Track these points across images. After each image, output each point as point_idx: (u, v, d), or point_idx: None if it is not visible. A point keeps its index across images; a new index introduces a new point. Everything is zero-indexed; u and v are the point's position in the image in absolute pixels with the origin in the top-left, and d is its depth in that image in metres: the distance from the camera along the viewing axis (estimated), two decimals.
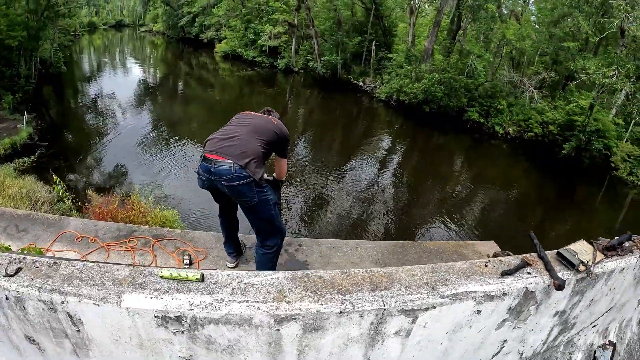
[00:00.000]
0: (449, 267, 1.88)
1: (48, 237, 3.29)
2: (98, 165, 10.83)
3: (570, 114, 17.22)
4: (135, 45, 38.44)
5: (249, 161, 2.61)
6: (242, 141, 2.70)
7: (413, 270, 1.82)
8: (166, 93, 20.53)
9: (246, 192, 2.66)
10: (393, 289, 1.67)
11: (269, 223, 2.92)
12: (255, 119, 2.96)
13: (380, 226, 10.07)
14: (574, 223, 13.02)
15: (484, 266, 1.95)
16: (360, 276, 1.74)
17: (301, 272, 1.75)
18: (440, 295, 1.68)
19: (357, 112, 22.46)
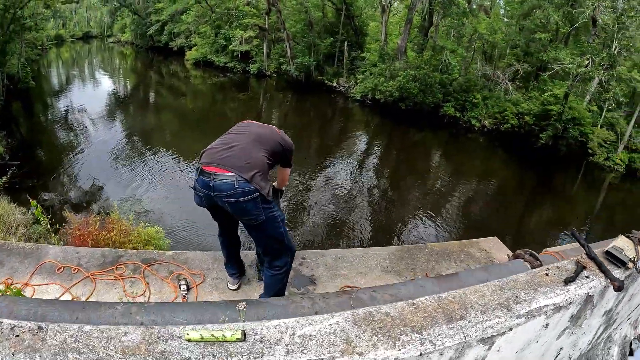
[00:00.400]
0: (514, 282, 1.78)
1: (26, 269, 2.92)
2: (73, 182, 10.28)
3: (545, 104, 17.48)
4: (104, 56, 37.43)
5: (254, 174, 2.29)
6: (245, 151, 2.37)
7: (481, 290, 1.69)
8: (137, 103, 19.91)
9: (251, 210, 2.32)
10: (469, 316, 1.50)
11: (278, 242, 2.58)
12: (257, 128, 2.64)
13: (366, 226, 9.85)
14: (555, 210, 13.18)
15: (545, 275, 1.88)
16: (430, 306, 1.54)
17: (363, 312, 1.48)
18: (517, 316, 1.57)
19: (332, 113, 22.31)
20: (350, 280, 3.39)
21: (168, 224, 8.47)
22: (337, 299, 1.91)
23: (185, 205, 9.57)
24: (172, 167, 11.68)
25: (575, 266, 1.96)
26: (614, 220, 13.55)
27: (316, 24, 25.57)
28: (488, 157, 17.99)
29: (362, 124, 20.76)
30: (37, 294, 2.70)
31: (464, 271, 2.42)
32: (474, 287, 1.70)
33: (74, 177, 10.49)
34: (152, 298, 2.77)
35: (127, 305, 1.69)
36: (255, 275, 3.18)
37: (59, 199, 9.33)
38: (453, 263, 4.02)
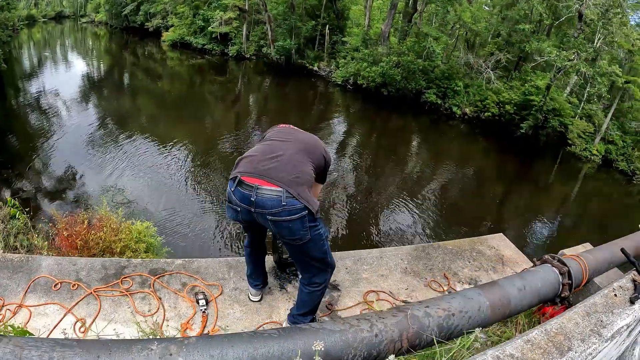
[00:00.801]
0: (595, 306, 1.91)
1: (17, 286, 2.54)
2: (49, 171, 9.65)
3: (527, 94, 17.70)
4: (77, 37, 35.60)
5: (303, 189, 2.01)
6: (292, 162, 2.07)
7: (574, 318, 1.80)
8: (112, 86, 18.95)
9: (297, 230, 2.04)
10: (574, 347, 1.61)
11: (320, 261, 2.31)
12: (302, 135, 2.33)
13: (346, 212, 9.70)
14: (532, 198, 13.40)
15: (614, 296, 2.03)
16: (542, 341, 1.62)
17: (492, 357, 1.49)
18: (605, 339, 1.71)
19: (313, 98, 21.97)
20: (373, 284, 3.25)
21: (154, 215, 8.10)
22: (393, 318, 1.79)
23: (168, 192, 9.26)
24: (149, 152, 11.19)
25: (633, 284, 2.15)
26: (588, 208, 13.94)
27: (298, 7, 24.95)
28: (468, 145, 18.12)
29: (343, 108, 20.51)
30: (34, 317, 2.37)
31: (503, 279, 2.33)
32: (568, 316, 1.80)
33: (50, 166, 9.86)
34: (167, 315, 2.49)
35: (164, 344, 1.42)
36: (276, 284, 2.95)
37: (36, 190, 8.76)
38: (467, 262, 3.99)
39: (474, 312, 1.95)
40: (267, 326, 2.56)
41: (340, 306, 2.94)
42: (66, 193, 8.86)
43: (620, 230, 11.16)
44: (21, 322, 2.32)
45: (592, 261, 2.55)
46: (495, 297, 2.07)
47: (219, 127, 14.59)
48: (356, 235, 8.60)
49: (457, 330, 1.89)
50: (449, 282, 3.52)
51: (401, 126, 18.97)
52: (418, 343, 1.75)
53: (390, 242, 8.60)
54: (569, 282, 2.35)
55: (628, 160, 16.89)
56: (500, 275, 3.82)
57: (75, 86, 17.35)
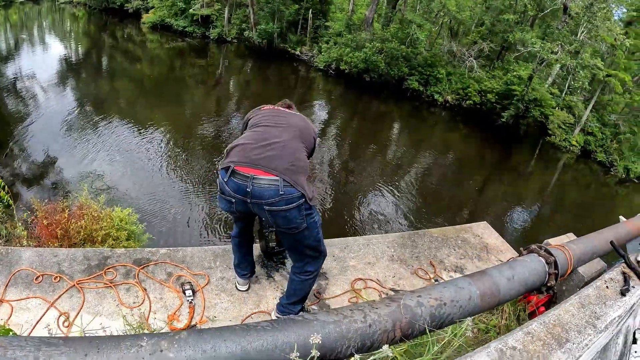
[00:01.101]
0: (588, 297, 1.98)
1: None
2: (27, 157, 9.32)
3: (509, 84, 17.88)
4: (54, 18, 34.12)
5: (300, 177, 1.97)
6: (288, 149, 2.02)
7: (569, 310, 1.86)
8: (90, 69, 18.28)
9: (294, 218, 2.01)
10: (572, 338, 1.66)
11: (314, 249, 2.29)
12: (291, 118, 2.26)
13: (327, 199, 9.66)
14: (512, 186, 13.65)
15: (606, 288, 2.13)
16: (541, 333, 1.66)
17: (495, 349, 1.52)
18: (599, 331, 1.76)
19: (295, 82, 21.75)
20: (361, 272, 3.25)
21: (134, 201, 7.94)
22: (387, 308, 1.78)
23: (148, 177, 9.09)
24: (129, 137, 10.93)
25: (623, 277, 2.26)
26: (567, 196, 14.29)
27: None
28: (450, 132, 18.28)
29: (324, 93, 20.39)
30: (16, 312, 2.28)
31: (492, 268, 2.34)
32: (564, 307, 1.85)
33: (28, 152, 9.50)
34: (153, 307, 2.43)
35: (154, 340, 1.35)
36: (263, 272, 2.91)
37: (13, 177, 8.46)
38: (453, 250, 4.04)
39: (465, 301, 1.96)
40: (256, 316, 2.54)
41: (328, 294, 2.93)
42: (44, 179, 8.59)
43: (598, 218, 11.50)
44: (2, 318, 2.23)
45: (576, 251, 2.59)
46: (485, 287, 2.08)
47: (199, 110, 14.34)
48: (339, 222, 8.61)
49: (449, 319, 1.90)
50: (435, 269, 3.55)
51: (383, 112, 18.98)
52: (411, 332, 1.76)
53: (373, 229, 8.64)
54: (555, 271, 2.38)
55: (606, 151, 17.35)
56: (485, 264, 3.88)
57: (53, 69, 16.72)
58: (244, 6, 24.84)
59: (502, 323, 2.95)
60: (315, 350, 1.27)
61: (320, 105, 18.22)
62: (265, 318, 2.53)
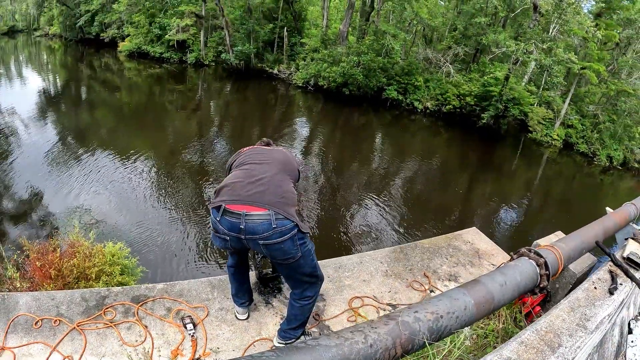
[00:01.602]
0: (577, 300, 2.04)
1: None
2: (12, 195, 9.12)
3: (486, 85, 18.28)
4: (31, 51, 33.93)
5: (290, 207, 2.03)
6: (275, 183, 2.09)
7: (559, 315, 1.90)
8: (70, 101, 18.14)
9: (289, 249, 2.06)
10: (564, 342, 1.70)
11: (311, 275, 2.34)
12: (273, 153, 2.36)
13: (316, 212, 9.72)
14: (497, 185, 13.89)
15: (594, 289, 2.18)
16: (534, 341, 1.70)
17: None
18: (590, 332, 1.81)
19: (274, 101, 21.89)
20: (357, 290, 3.29)
21: (124, 233, 7.85)
22: (385, 327, 1.82)
23: (135, 207, 8.99)
24: (112, 167, 10.83)
25: (610, 275, 2.30)
26: (552, 190, 14.55)
27: (255, 10, 24.83)
28: (432, 138, 18.54)
29: (305, 110, 20.57)
30: (20, 358, 2.26)
31: (485, 276, 2.39)
32: (555, 314, 1.90)
33: (12, 189, 9.34)
34: (156, 343, 2.44)
35: None
36: (261, 299, 2.94)
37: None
38: (445, 259, 4.09)
39: (461, 311, 2.02)
40: (258, 343, 2.56)
41: (327, 315, 2.96)
42: (31, 217, 8.45)
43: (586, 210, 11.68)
44: None
45: (565, 250, 2.67)
46: (479, 295, 2.14)
47: (181, 135, 14.34)
48: (331, 241, 8.59)
49: (447, 331, 1.95)
50: (429, 280, 3.61)
51: (364, 124, 19.22)
52: (411, 348, 1.81)
53: (366, 243, 8.67)
54: (546, 272, 2.45)
55: (588, 142, 17.76)
56: (478, 269, 3.95)
57: (32, 103, 16.56)
58: (219, 29, 25.06)
59: (499, 327, 3.00)
60: None
61: (301, 122, 18.35)
62: (267, 345, 2.55)
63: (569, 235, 3.04)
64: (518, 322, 3.05)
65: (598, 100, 19.23)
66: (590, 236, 3.02)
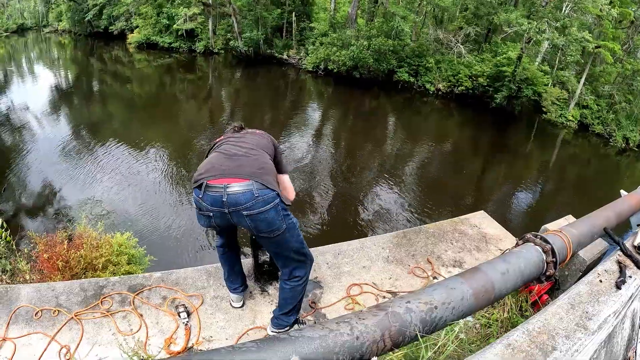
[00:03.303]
0: (579, 296, 1.84)
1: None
2: (27, 189, 9.36)
3: (499, 66, 17.84)
4: (41, 48, 34.35)
5: (270, 178, 2.04)
6: (252, 156, 2.11)
7: (558, 313, 1.72)
8: (82, 95, 18.34)
9: (274, 219, 2.04)
10: (559, 345, 1.53)
11: (298, 252, 2.31)
12: (246, 136, 2.40)
13: (330, 199, 9.68)
14: (512, 168, 13.60)
15: (599, 282, 1.98)
16: (524, 343, 1.52)
17: None
18: (591, 332, 1.64)
19: (285, 86, 21.83)
20: (356, 277, 3.24)
21: (134, 223, 7.97)
22: (374, 318, 1.74)
23: (146, 198, 9.08)
24: (125, 158, 10.97)
25: (618, 266, 2.11)
26: (567, 172, 14.23)
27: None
28: (444, 120, 18.27)
29: (316, 95, 20.46)
30: (19, 349, 2.30)
31: (485, 264, 2.27)
32: (552, 310, 1.73)
33: (27, 184, 9.55)
34: (150, 332, 2.45)
35: None
36: (256, 287, 2.92)
37: (15, 210, 8.51)
38: (450, 244, 3.98)
39: (457, 302, 1.92)
40: (252, 332, 2.55)
41: (324, 303, 2.93)
42: (46, 209, 8.63)
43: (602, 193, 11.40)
44: (6, 356, 2.28)
45: (575, 235, 2.52)
46: (478, 284, 2.03)
47: (193, 124, 14.38)
48: (336, 227, 8.57)
49: (442, 322, 1.85)
50: (432, 267, 3.52)
51: (376, 107, 19.00)
52: (401, 340, 1.73)
53: (373, 229, 8.61)
54: (553, 260, 2.31)
55: (603, 123, 17.23)
56: (484, 255, 3.84)
57: (45, 98, 16.84)
58: (227, 16, 24.90)
59: (504, 316, 2.91)
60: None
61: (312, 107, 18.25)
62: (261, 333, 2.53)
63: (579, 220, 2.87)
64: (524, 311, 2.96)
65: (613, 80, 18.56)
66: (602, 220, 2.80)
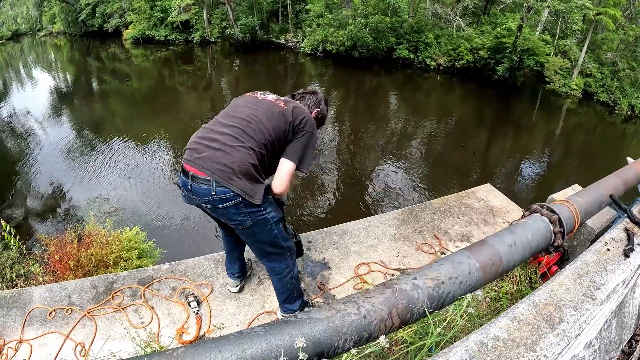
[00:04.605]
0: (586, 265, 1.80)
1: (14, 322, 2.52)
2: (35, 193, 9.44)
3: (499, 37, 17.54)
4: (37, 52, 34.28)
5: (237, 177, 1.90)
6: (227, 147, 1.93)
7: (564, 283, 1.67)
8: (82, 95, 18.36)
9: (234, 216, 1.98)
10: (566, 317, 1.48)
11: (272, 245, 2.22)
12: (260, 109, 2.07)
13: (337, 179, 9.68)
14: (517, 139, 13.46)
15: (606, 250, 1.92)
16: (530, 316, 1.48)
17: (475, 342, 1.34)
18: (600, 302, 1.58)
19: (284, 70, 21.72)
20: (363, 257, 3.24)
21: (142, 218, 8.03)
22: (380, 296, 1.74)
23: (152, 192, 9.13)
24: (128, 154, 11.02)
25: (626, 234, 2.05)
26: (573, 142, 14.07)
27: None
28: (447, 95, 18.07)
29: (316, 76, 20.31)
30: (35, 349, 2.34)
31: (492, 236, 2.24)
32: (558, 281, 1.68)
33: (34, 187, 9.63)
34: (162, 323, 2.48)
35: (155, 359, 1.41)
36: (265, 273, 2.92)
37: (25, 214, 8.60)
38: (457, 218, 3.96)
39: (465, 276, 1.90)
40: (262, 317, 2.57)
41: (333, 284, 2.93)
42: (55, 211, 8.71)
43: (608, 162, 11.27)
44: (24, 358, 2.32)
45: (582, 204, 2.48)
46: (485, 258, 2.01)
47: (194, 115, 14.38)
48: (342, 207, 8.58)
49: (449, 297, 1.85)
50: (440, 242, 3.52)
51: (377, 86, 18.85)
52: (410, 317, 1.72)
53: (379, 208, 8.61)
54: (560, 230, 2.28)
55: (608, 91, 16.95)
56: (492, 227, 3.82)
57: (45, 102, 16.90)
58: (222, 4, 24.72)
59: (513, 289, 2.90)
60: (303, 352, 1.27)
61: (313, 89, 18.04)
62: (271, 318, 2.55)
63: (586, 189, 2.84)
64: (534, 283, 2.94)
65: (616, 47, 18.19)
66: (609, 188, 2.76)
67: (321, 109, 2.44)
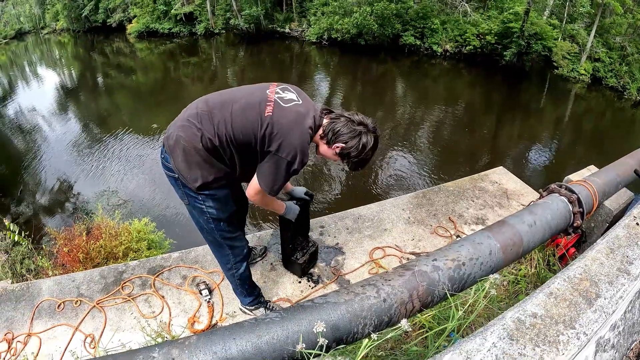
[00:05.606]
0: (617, 239, 1.72)
1: (23, 315, 2.48)
2: (44, 188, 9.48)
3: (506, 22, 17.21)
4: (42, 50, 34.30)
5: (180, 153, 1.83)
6: (188, 123, 1.84)
7: (597, 257, 1.59)
8: (87, 90, 18.33)
9: (176, 188, 2.01)
10: (602, 292, 1.42)
11: (209, 234, 2.10)
12: (244, 102, 1.84)
13: (339, 172, 9.55)
14: (527, 125, 13.26)
15: (636, 225, 1.84)
16: (567, 291, 1.41)
17: (512, 320, 1.27)
18: (634, 277, 1.50)
19: (290, 60, 21.54)
20: (377, 241, 3.17)
21: (151, 209, 8.01)
22: (400, 278, 1.67)
23: (160, 183, 9.04)
24: (136, 147, 11.01)
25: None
26: (583, 127, 13.83)
27: None
28: (454, 81, 17.79)
29: (322, 65, 20.12)
30: (45, 342, 2.30)
31: (511, 216, 2.17)
32: (591, 255, 1.61)
33: (43, 183, 9.66)
34: (173, 312, 2.42)
35: (165, 349, 1.35)
36: (277, 259, 2.86)
37: (34, 210, 8.62)
38: (471, 201, 3.89)
39: (485, 257, 1.83)
40: (275, 304, 2.51)
41: (347, 269, 2.87)
42: (64, 206, 8.74)
43: (619, 146, 11.08)
44: (33, 351, 2.28)
45: (600, 185, 2.40)
46: (505, 238, 1.94)
47: None
48: (354, 193, 8.52)
49: (470, 279, 1.77)
50: (455, 225, 3.44)
51: (383, 73, 18.63)
52: (430, 300, 1.64)
53: (391, 193, 8.53)
54: (580, 210, 2.21)
55: (617, 75, 16.61)
56: (507, 210, 3.73)
57: (51, 98, 16.90)
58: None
59: (531, 272, 2.83)
60: (322, 338, 1.19)
61: (319, 78, 17.99)
62: (283, 305, 2.49)
63: (602, 169, 2.76)
64: (552, 265, 2.86)
65: (625, 32, 17.77)
66: (627, 168, 2.71)
67: (350, 146, 1.94)
